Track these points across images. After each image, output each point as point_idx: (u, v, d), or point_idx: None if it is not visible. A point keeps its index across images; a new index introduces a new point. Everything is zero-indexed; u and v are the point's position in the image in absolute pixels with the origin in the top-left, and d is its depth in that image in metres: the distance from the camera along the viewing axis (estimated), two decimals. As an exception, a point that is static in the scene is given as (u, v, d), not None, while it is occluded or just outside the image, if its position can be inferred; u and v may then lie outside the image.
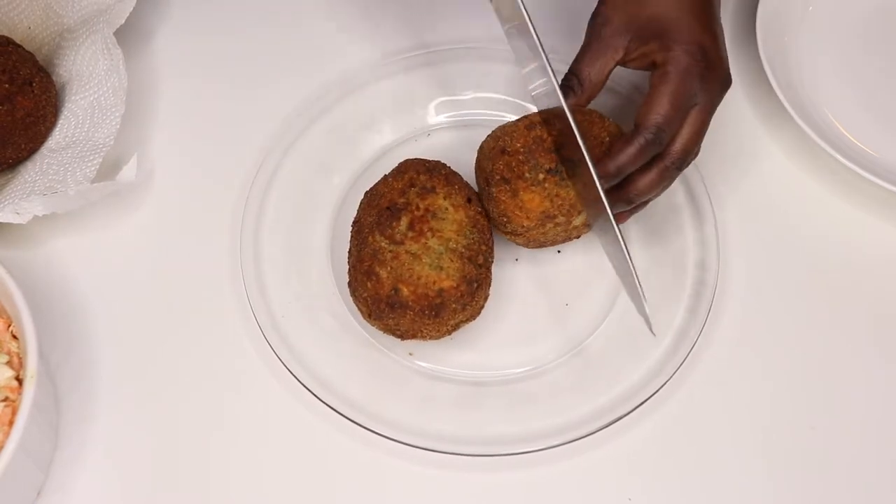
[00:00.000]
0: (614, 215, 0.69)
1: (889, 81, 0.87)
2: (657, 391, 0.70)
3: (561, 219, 0.70)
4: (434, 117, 0.84)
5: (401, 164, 0.74)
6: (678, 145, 0.68)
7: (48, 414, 0.69)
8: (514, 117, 0.75)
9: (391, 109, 0.84)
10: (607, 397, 0.70)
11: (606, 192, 0.67)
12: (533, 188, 0.69)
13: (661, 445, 0.71)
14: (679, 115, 0.67)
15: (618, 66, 0.71)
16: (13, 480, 0.63)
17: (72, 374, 0.73)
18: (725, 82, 0.70)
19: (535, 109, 0.73)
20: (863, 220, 0.81)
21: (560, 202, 0.69)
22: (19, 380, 0.66)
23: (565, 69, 0.73)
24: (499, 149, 0.71)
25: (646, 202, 0.72)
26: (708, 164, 0.82)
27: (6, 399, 0.65)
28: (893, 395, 0.73)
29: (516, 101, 0.84)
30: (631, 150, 0.67)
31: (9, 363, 0.67)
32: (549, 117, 0.70)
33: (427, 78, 0.84)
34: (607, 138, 0.71)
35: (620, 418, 0.69)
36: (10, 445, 0.60)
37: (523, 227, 0.70)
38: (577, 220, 0.72)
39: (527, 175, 0.69)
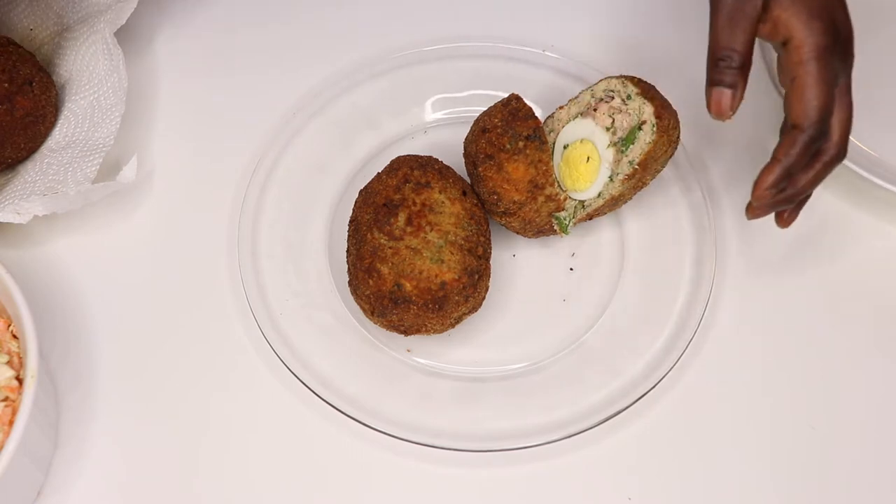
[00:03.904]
0: (779, 214, 0.69)
1: (888, 81, 0.87)
2: (654, 386, 0.70)
3: (550, 190, 0.71)
4: (431, 114, 0.84)
5: (393, 161, 0.74)
6: (836, 136, 0.65)
7: (48, 414, 0.69)
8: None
9: (388, 107, 0.84)
10: (606, 392, 0.70)
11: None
12: (515, 157, 0.70)
13: (660, 441, 0.71)
14: (832, 101, 0.63)
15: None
16: (13, 480, 0.63)
17: (72, 374, 0.73)
18: (853, 56, 0.66)
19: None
20: (861, 219, 0.81)
21: (544, 168, 0.70)
22: (19, 380, 0.66)
23: (563, 64, 0.72)
24: (479, 129, 0.72)
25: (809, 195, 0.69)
26: (706, 161, 0.82)
27: (6, 399, 0.65)
28: (893, 393, 0.73)
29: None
30: (796, 151, 0.63)
31: (9, 363, 0.67)
32: None
33: (424, 75, 0.84)
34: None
35: (619, 412, 0.69)
36: (10, 445, 0.60)
37: (515, 202, 0.71)
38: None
39: (507, 146, 0.70)
